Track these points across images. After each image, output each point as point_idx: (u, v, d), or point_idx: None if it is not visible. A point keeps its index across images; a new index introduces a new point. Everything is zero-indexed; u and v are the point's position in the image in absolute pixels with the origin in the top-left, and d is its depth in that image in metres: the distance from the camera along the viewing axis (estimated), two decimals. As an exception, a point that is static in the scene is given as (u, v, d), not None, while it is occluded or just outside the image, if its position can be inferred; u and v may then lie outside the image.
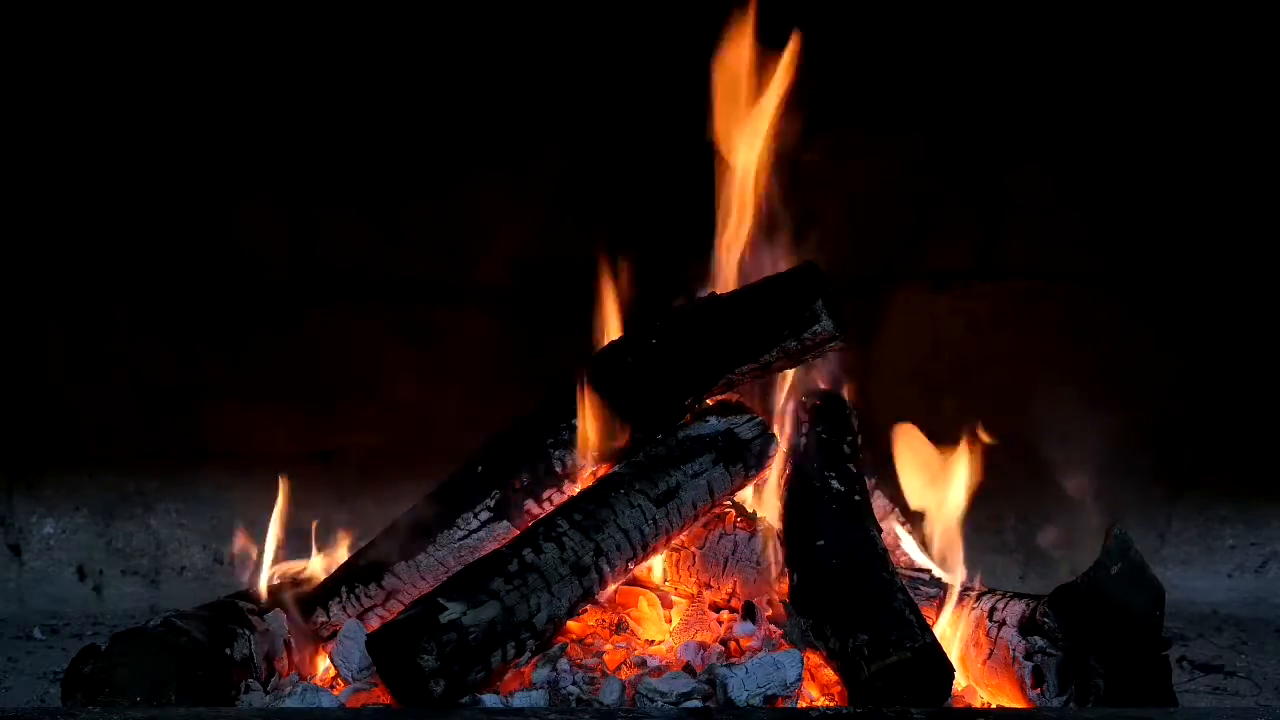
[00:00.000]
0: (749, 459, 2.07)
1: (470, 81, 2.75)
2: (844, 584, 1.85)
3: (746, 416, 2.09)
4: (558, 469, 2.05)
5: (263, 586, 2.06)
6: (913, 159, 2.79)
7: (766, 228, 2.20)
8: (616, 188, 2.73)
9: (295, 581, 2.12)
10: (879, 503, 2.23)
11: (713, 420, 2.07)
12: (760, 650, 1.89)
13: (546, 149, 2.75)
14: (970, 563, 2.07)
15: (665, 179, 2.61)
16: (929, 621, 1.82)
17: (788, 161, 2.20)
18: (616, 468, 2.02)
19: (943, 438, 2.21)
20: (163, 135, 2.75)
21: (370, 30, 2.73)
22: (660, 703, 1.75)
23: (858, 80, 2.73)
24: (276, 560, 2.13)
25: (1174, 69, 2.75)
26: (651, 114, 2.66)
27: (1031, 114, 2.78)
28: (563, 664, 1.84)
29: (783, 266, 2.12)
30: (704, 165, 2.26)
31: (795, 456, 2.14)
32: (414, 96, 2.76)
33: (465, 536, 2.03)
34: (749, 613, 2.03)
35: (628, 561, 1.93)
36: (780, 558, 2.04)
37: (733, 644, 1.95)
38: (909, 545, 2.22)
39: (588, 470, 2.06)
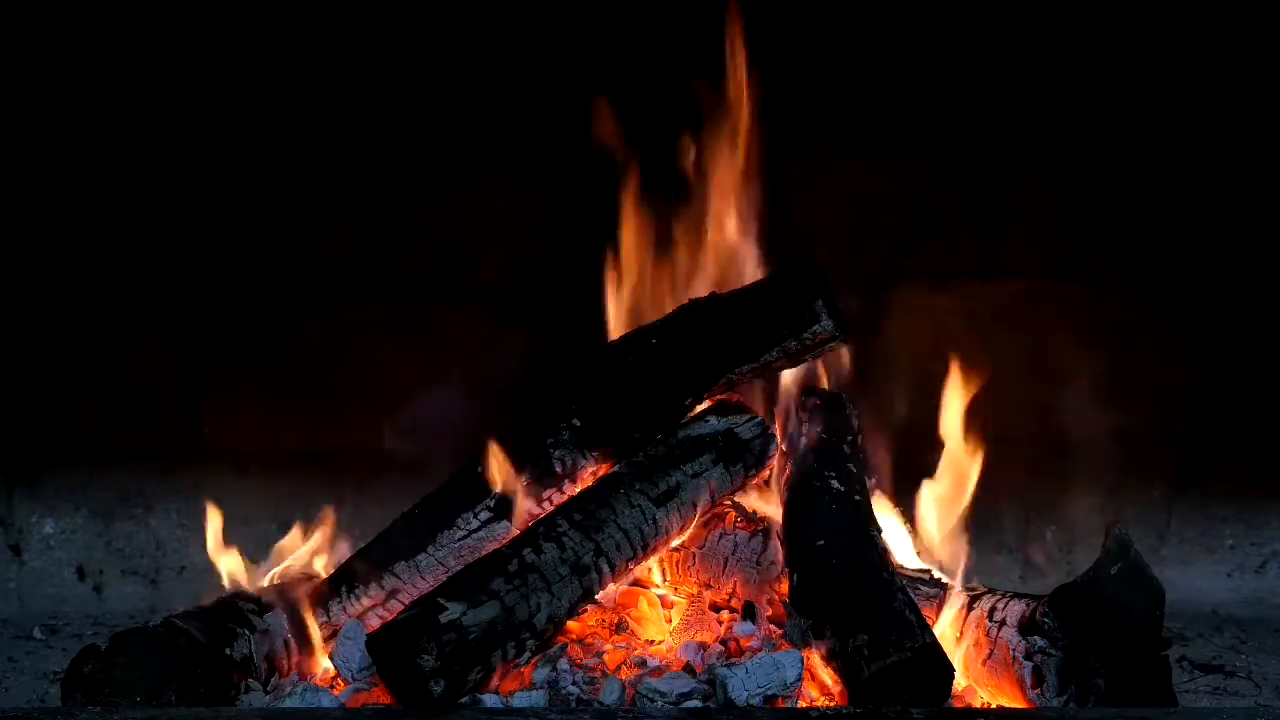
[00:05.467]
0: (749, 459, 2.07)
1: (472, 84, 2.75)
2: (844, 584, 1.84)
3: (746, 416, 2.09)
4: (558, 469, 2.05)
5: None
6: (915, 159, 2.79)
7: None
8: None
9: (296, 581, 2.12)
10: (879, 502, 2.22)
11: (713, 420, 2.07)
12: (760, 650, 1.89)
13: (547, 151, 2.75)
14: (970, 562, 2.07)
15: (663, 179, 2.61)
16: (929, 621, 1.82)
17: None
18: (616, 468, 2.03)
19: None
20: (164, 137, 2.75)
21: (372, 33, 2.73)
22: (660, 703, 1.75)
23: (861, 83, 2.73)
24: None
25: (1175, 69, 2.75)
26: (650, 114, 2.66)
27: (1032, 115, 2.77)
28: (563, 664, 1.84)
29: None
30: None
31: (795, 456, 2.14)
32: (416, 99, 2.75)
33: (465, 536, 2.03)
34: (749, 613, 2.03)
35: (628, 561, 1.93)
36: (780, 558, 2.04)
37: (733, 644, 1.95)
38: (909, 545, 2.22)
39: (588, 470, 2.06)
